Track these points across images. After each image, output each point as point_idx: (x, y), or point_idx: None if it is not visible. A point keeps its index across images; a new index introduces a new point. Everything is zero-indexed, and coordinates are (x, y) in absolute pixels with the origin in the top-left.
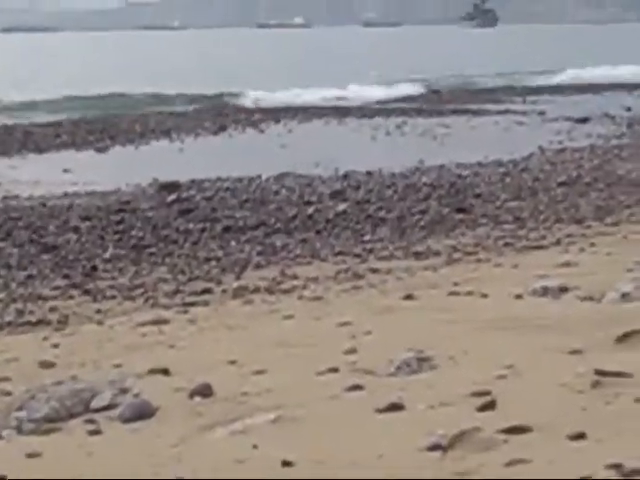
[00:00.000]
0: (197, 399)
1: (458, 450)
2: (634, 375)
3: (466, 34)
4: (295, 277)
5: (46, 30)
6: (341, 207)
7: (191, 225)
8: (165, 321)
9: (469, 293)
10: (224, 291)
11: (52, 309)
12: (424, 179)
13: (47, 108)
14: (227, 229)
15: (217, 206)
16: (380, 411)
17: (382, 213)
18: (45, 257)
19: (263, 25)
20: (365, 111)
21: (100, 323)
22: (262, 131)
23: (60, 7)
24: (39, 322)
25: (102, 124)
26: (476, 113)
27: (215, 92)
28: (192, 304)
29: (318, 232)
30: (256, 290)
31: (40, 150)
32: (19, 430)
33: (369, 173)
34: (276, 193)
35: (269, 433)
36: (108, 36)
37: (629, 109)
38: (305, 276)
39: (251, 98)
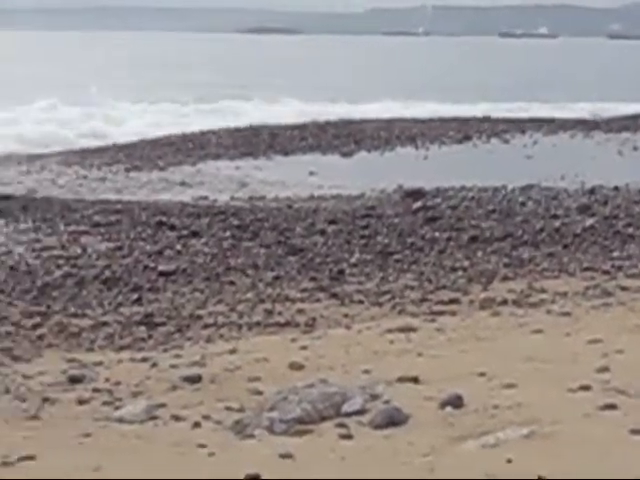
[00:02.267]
0: (448, 409)
1: None
2: None
3: None
4: (543, 291)
5: (287, 32)
6: (589, 222)
7: (437, 234)
8: (413, 329)
9: None
10: (471, 301)
11: (300, 311)
12: None
13: None
14: (473, 239)
15: (463, 215)
16: (636, 432)
17: (631, 229)
18: (292, 259)
19: (506, 34)
20: (612, 125)
21: (348, 327)
22: (506, 141)
23: (302, 9)
24: (287, 323)
25: (347, 128)
26: None
27: None
28: (440, 313)
29: (565, 246)
30: (504, 302)
31: (286, 152)
32: (271, 430)
33: (616, 188)
34: (522, 205)
35: (522, 448)
36: (351, 40)
37: None
38: (553, 290)
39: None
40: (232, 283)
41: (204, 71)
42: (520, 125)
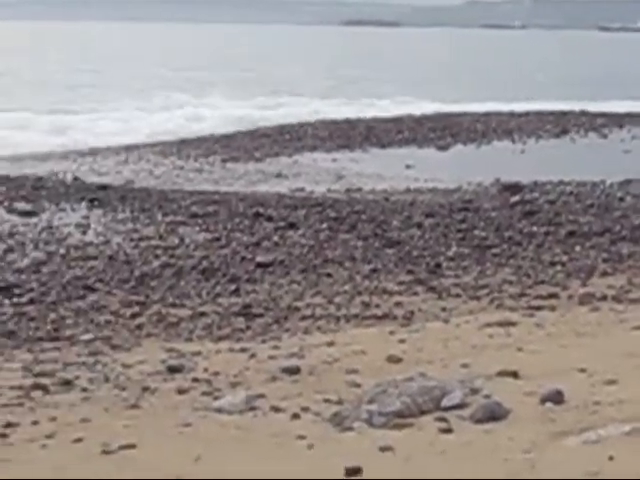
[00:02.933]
0: (548, 405)
1: None
2: None
3: None
4: None
5: (386, 25)
6: None
7: (535, 228)
8: (512, 323)
9: None
10: (570, 297)
11: (397, 304)
12: None
13: None
14: (571, 234)
15: (560, 210)
16: None
17: None
18: (389, 251)
19: (605, 28)
20: None
21: (446, 321)
22: (604, 136)
23: (401, 1)
24: (384, 316)
25: (443, 122)
26: None
27: None
28: (538, 308)
29: None
30: (603, 298)
31: (382, 145)
32: (370, 423)
33: None
34: (621, 200)
35: (624, 445)
36: (449, 33)
37: None
38: None
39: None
40: (329, 275)
41: (296, 65)
42: (618, 119)
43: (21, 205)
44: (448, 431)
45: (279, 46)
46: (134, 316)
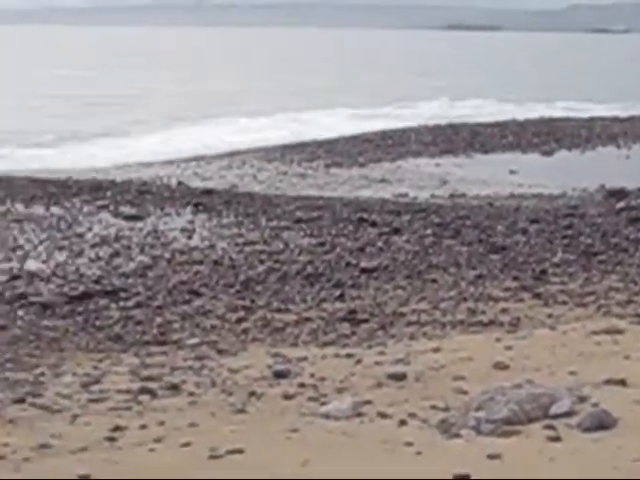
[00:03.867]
0: None
1: None
2: None
3: None
4: None
5: (487, 29)
6: None
7: None
8: (619, 331)
9: None
10: None
11: (503, 310)
12: None
13: None
14: None
15: None
16: None
17: None
18: (494, 257)
19: None
20: None
21: (552, 328)
22: None
23: (502, 6)
24: (490, 323)
25: (547, 127)
26: None
27: None
28: None
29: None
30: None
31: (486, 150)
32: (477, 430)
33: None
34: None
35: None
36: (551, 37)
37: None
38: None
39: None
40: (434, 281)
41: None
42: None
43: (127, 209)
44: (556, 439)
45: (384, 49)
46: (240, 321)
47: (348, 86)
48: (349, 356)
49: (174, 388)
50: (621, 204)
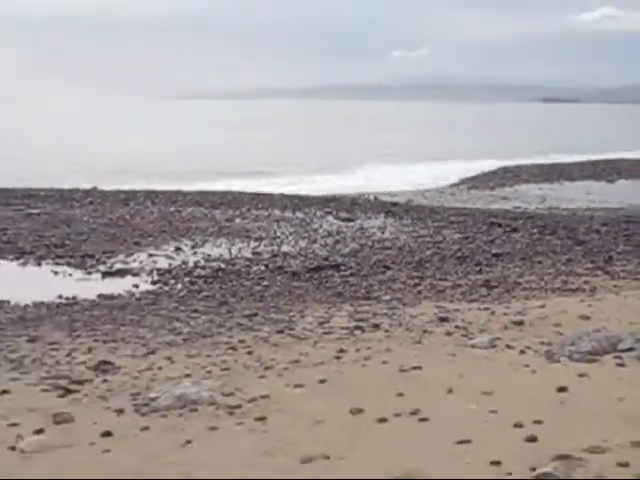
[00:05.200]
0: None
1: None
2: None
3: None
4: None
5: (569, 101)
6: None
7: None
8: None
9: None
10: None
11: (585, 282)
12: None
13: None
14: None
15: None
16: None
17: None
18: (577, 248)
19: None
20: None
21: (617, 294)
22: None
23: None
24: (577, 289)
25: (610, 164)
26: None
27: None
28: None
29: None
30: None
31: (571, 179)
32: (571, 358)
33: None
34: None
35: None
36: (612, 108)
37: None
38: None
39: None
40: (539, 262)
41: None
42: None
43: (343, 214)
44: (622, 365)
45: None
46: (416, 285)
47: (489, 145)
48: (486, 309)
49: (376, 327)
50: None
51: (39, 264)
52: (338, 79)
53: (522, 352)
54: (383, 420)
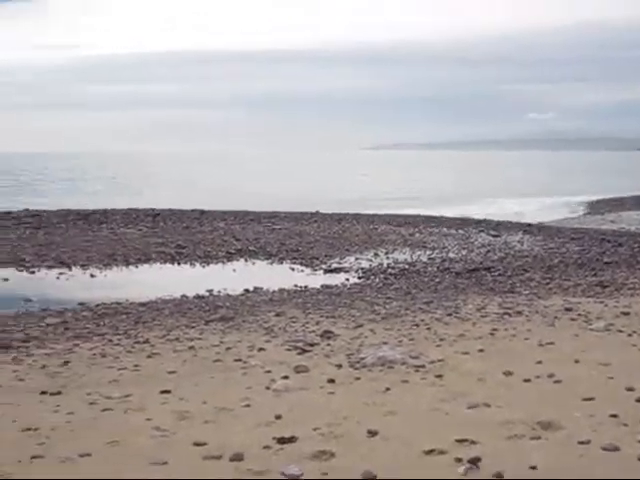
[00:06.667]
0: None
1: None
2: None
3: None
4: None
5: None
6: None
7: None
8: None
9: None
10: None
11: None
12: None
13: None
14: None
15: None
16: None
17: None
18: None
19: None
20: None
21: None
22: None
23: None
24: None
25: None
26: None
27: None
28: None
29: None
30: None
31: None
32: None
33: None
34: None
35: None
36: None
37: None
38: None
39: None
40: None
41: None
42: None
43: (492, 232)
44: None
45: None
46: (547, 284)
47: (585, 185)
48: (601, 302)
49: (518, 313)
50: None
51: (281, 263)
52: (486, 135)
53: (629, 335)
54: (527, 380)
